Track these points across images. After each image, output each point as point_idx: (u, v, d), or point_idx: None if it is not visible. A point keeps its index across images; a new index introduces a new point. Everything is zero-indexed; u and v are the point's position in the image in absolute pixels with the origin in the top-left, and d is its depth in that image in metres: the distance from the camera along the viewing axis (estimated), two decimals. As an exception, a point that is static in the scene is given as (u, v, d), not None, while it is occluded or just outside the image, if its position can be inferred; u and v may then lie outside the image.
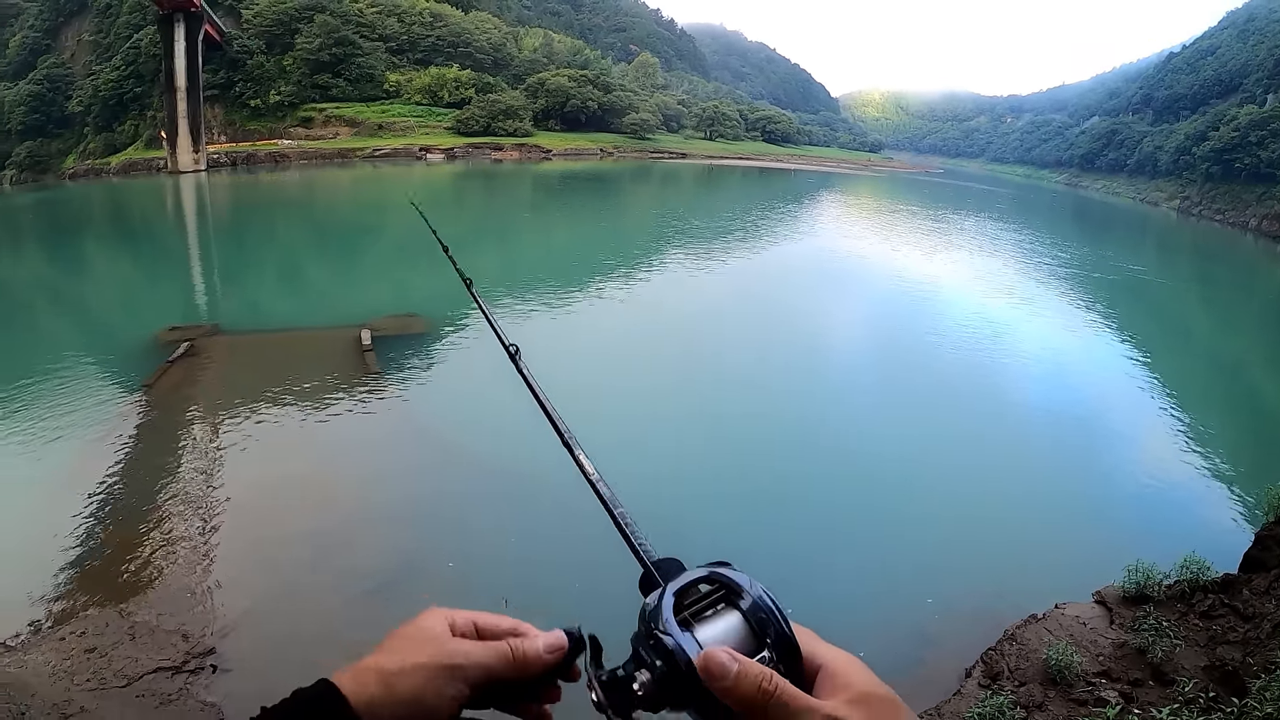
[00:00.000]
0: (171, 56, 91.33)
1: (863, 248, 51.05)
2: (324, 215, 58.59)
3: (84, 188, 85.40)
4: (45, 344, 25.11)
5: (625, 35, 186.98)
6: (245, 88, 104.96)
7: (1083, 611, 10.55)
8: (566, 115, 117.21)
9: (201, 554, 11.63)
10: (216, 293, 33.24)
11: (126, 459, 15.16)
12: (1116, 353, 29.01)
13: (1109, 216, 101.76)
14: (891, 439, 18.49)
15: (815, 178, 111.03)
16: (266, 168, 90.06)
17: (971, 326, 29.12)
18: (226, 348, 22.32)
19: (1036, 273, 44.35)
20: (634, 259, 39.77)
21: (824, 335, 27.92)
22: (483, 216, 59.48)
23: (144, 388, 18.66)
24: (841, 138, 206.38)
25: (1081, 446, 19.20)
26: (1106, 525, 14.84)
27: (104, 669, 8.72)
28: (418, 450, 16.02)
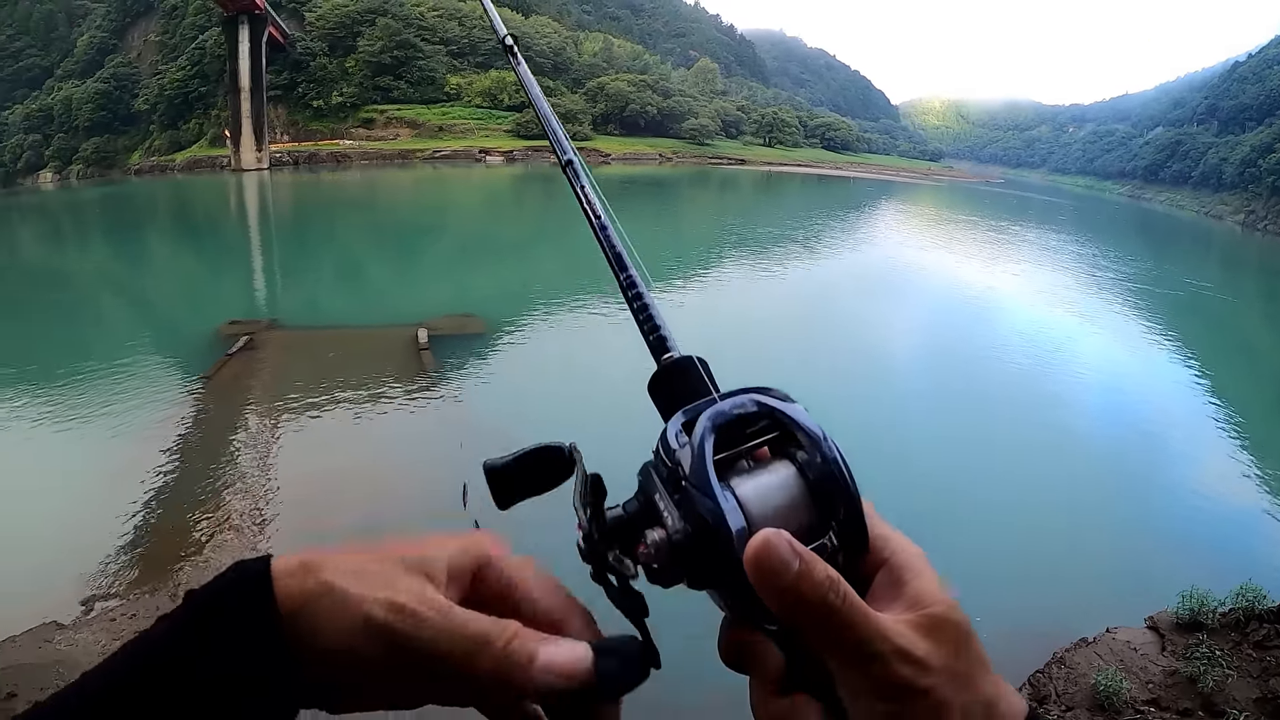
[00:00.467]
0: (236, 57, 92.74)
1: (922, 257, 50.08)
2: (384, 215, 58.88)
3: (149, 184, 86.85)
4: (110, 334, 25.39)
5: (685, 41, 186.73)
6: (308, 89, 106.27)
7: (1134, 636, 10.08)
8: (625, 120, 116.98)
9: (252, 542, 11.68)
10: (276, 289, 33.37)
11: (183, 447, 15.24)
12: (1177, 370, 27.93)
13: (1172, 230, 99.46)
14: (943, 448, 17.94)
15: (874, 186, 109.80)
16: (328, 167, 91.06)
17: (1030, 339, 28.19)
18: (284, 343, 22.26)
19: (1097, 286, 43.14)
20: (693, 265, 39.18)
21: (879, 343, 27.14)
22: (543, 218, 59.35)
23: (203, 379, 18.69)
24: (901, 146, 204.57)
25: (1139, 465, 18.58)
26: (1162, 548, 14.31)
27: None
28: (471, 449, 14.74)
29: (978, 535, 13.53)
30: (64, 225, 61.91)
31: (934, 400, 21.37)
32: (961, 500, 14.90)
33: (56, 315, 27.97)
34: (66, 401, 18.00)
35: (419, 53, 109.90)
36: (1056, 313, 33.31)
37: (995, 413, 20.73)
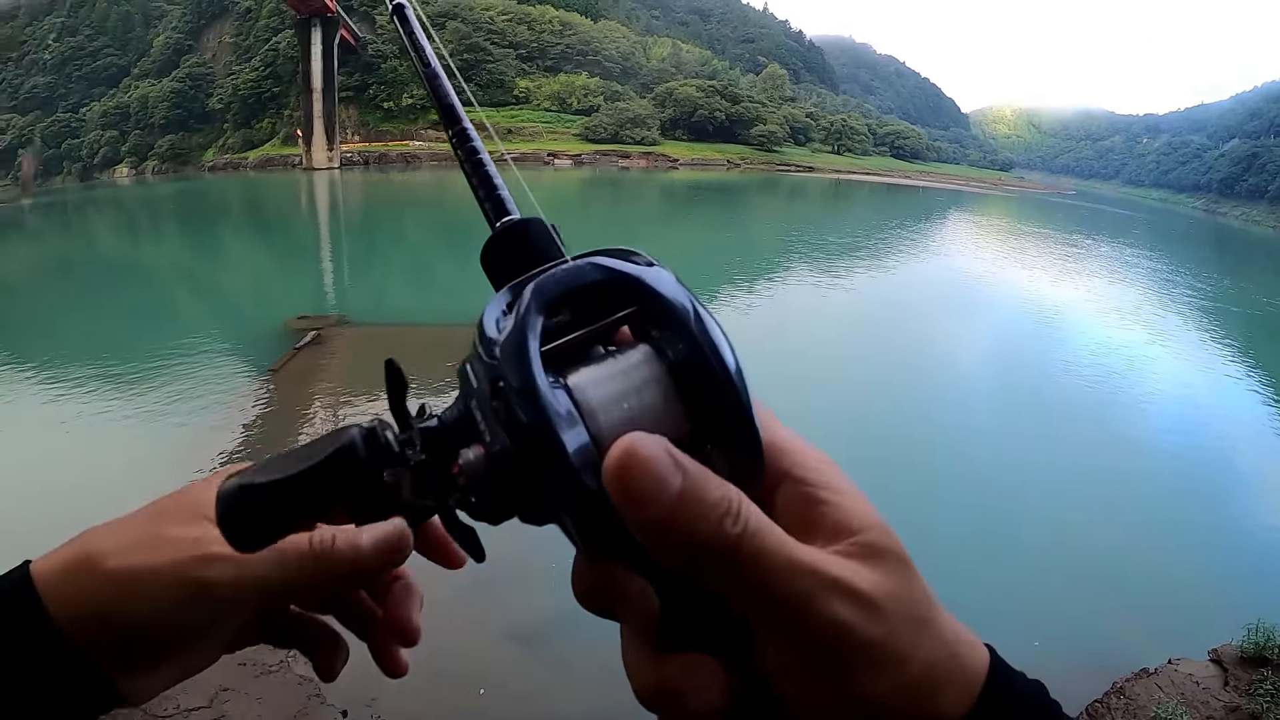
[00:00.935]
0: (308, 59, 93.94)
1: (992, 270, 48.98)
2: (452, 215, 59.02)
3: (222, 180, 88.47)
4: (181, 326, 25.55)
5: (753, 46, 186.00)
6: (379, 90, 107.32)
7: (1197, 670, 9.50)
8: (693, 125, 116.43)
9: None
10: (345, 285, 33.52)
11: (248, 439, 15.30)
12: (1253, 393, 26.64)
13: (1248, 246, 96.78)
14: (1004, 466, 17.20)
15: (944, 195, 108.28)
16: (398, 167, 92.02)
17: (1100, 356, 27.08)
18: (352, 338, 22.31)
19: (1170, 303, 41.76)
20: (761, 272, 38.68)
21: (945, 356, 26.29)
22: (610, 220, 59.23)
23: (270, 372, 18.81)
24: (971, 155, 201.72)
25: (1209, 490, 17.57)
26: (1230, 578, 13.40)
27: None
28: None
29: (1038, 557, 13.17)
30: (139, 219, 63.11)
31: (997, 416, 20.64)
32: (1023, 520, 14.32)
33: (130, 307, 28.35)
34: (137, 391, 18.14)
35: (488, 56, 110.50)
36: (1128, 330, 32.25)
37: (1060, 431, 19.79)
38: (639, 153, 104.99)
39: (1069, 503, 15.30)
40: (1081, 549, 13.34)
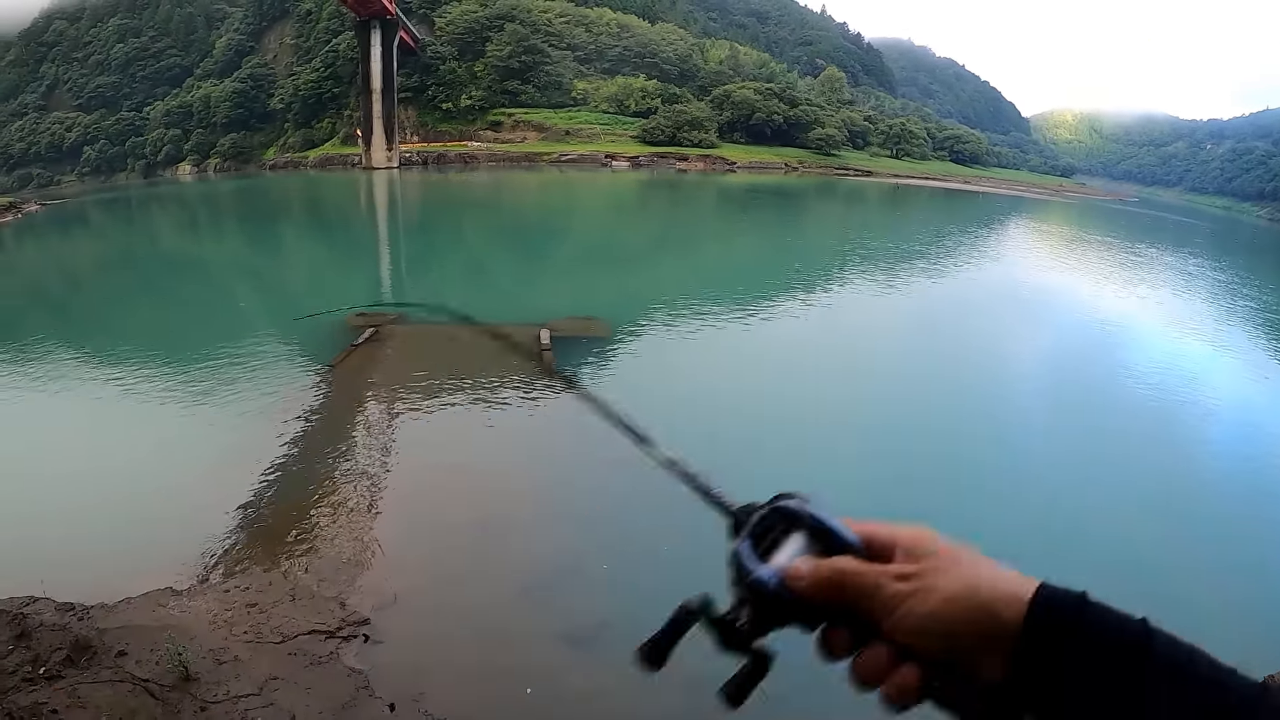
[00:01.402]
0: (368, 60, 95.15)
1: (1055, 279, 48.03)
2: (509, 216, 59.26)
3: (282, 178, 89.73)
4: (243, 320, 26.06)
5: (811, 49, 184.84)
6: (437, 91, 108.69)
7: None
8: (751, 128, 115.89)
9: (366, 529, 11.66)
10: (403, 283, 33.75)
11: (304, 430, 15.53)
12: None
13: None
14: (1059, 472, 16.69)
15: (1004, 201, 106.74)
16: (456, 168, 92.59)
17: (1164, 368, 26.26)
18: (409, 336, 22.67)
19: (1236, 315, 40.57)
20: (819, 276, 38.15)
21: (1004, 365, 25.66)
22: (668, 224, 59.04)
23: (329, 367, 19.15)
24: (1031, 160, 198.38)
25: (1275, 511, 16.44)
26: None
27: (262, 624, 9.03)
28: (587, 452, 14.88)
29: (1110, 577, 12.22)
30: (201, 215, 64.07)
31: (1059, 430, 19.71)
32: (1093, 538, 13.67)
33: (194, 300, 28.93)
34: (198, 381, 18.56)
35: (546, 58, 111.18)
36: (1192, 342, 31.27)
37: (1120, 443, 19.10)
38: (696, 155, 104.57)
39: (1137, 519, 14.75)
40: (1152, 567, 12.79)
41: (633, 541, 11.84)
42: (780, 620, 1.10)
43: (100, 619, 8.42)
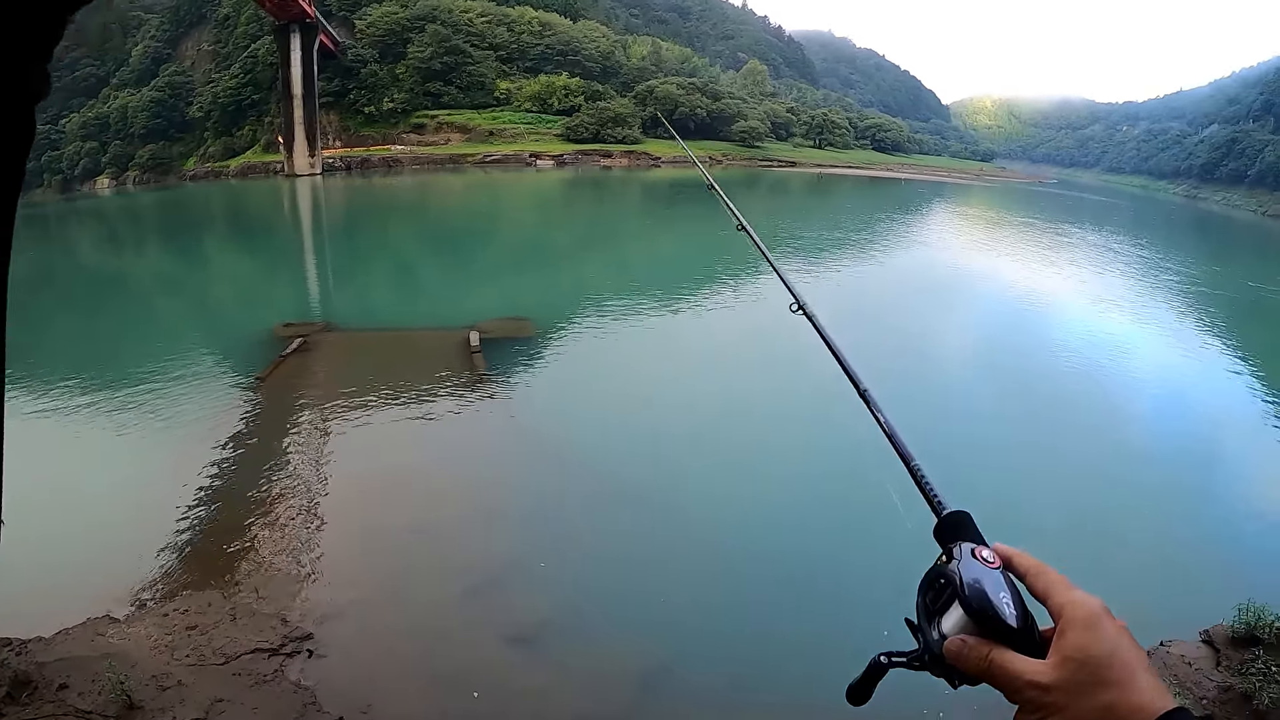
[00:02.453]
0: (288, 65, 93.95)
1: (979, 261, 49.40)
2: (435, 219, 59.37)
3: (204, 188, 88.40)
4: (167, 335, 25.98)
5: (733, 43, 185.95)
6: (359, 95, 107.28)
7: (1189, 651, 9.99)
8: (675, 123, 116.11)
9: (304, 542, 11.93)
10: (330, 291, 33.92)
11: (236, 446, 15.68)
12: (1236, 376, 27.02)
13: (1230, 231, 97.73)
14: (996, 456, 17.45)
15: (927, 187, 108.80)
16: (379, 172, 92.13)
17: (1084, 343, 27.58)
18: (338, 344, 22.85)
19: (1157, 290, 42.12)
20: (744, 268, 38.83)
21: (933, 350, 26.61)
22: (593, 222, 59.54)
23: (257, 380, 19.20)
24: (952, 146, 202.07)
25: (1197, 474, 17.92)
26: (1219, 559, 13.83)
27: (204, 646, 9.08)
28: (520, 452, 15.97)
29: (1031, 543, 12.94)
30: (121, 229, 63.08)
31: (987, 406, 20.97)
32: (1013, 509, 14.46)
33: (114, 317, 28.82)
34: (123, 401, 18.35)
35: (468, 58, 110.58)
36: (1114, 317, 32.57)
37: (1049, 419, 20.27)
38: (620, 151, 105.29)
39: (1057, 491, 15.68)
40: (1071, 536, 13.63)
41: (567, 538, 12.32)
42: (946, 674, 1.20)
43: (39, 652, 8.47)
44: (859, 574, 12.07)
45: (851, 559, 12.62)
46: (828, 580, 12.01)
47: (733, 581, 11.89)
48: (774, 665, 10.03)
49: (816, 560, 12.56)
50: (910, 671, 1.03)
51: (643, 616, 10.45)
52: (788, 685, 9.55)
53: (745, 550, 12.78)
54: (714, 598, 11.33)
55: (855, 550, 12.77)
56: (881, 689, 1.11)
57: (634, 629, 10.39)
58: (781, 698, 9.36)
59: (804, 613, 11.24)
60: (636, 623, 10.39)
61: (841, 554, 12.80)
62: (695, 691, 9.31)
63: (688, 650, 9.91)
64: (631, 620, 10.46)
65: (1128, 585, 11.96)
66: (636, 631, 10.48)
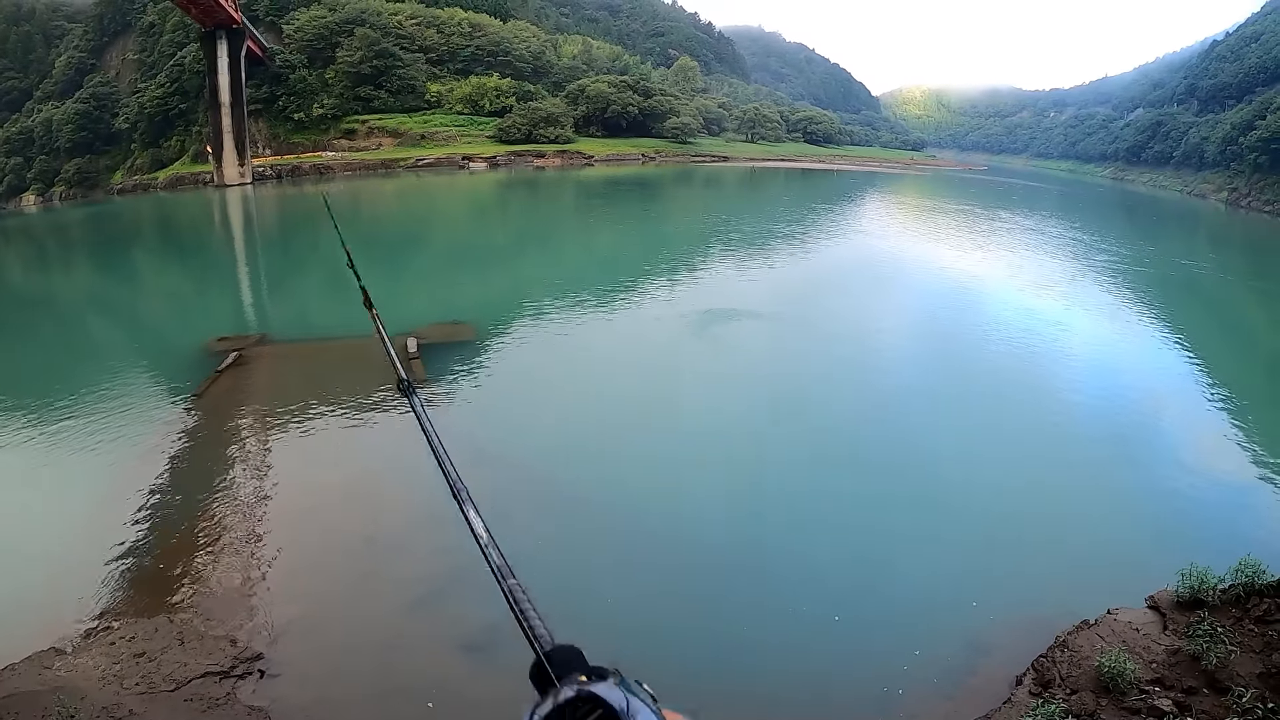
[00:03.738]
0: (215, 73, 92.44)
1: (910, 247, 50.49)
2: (368, 225, 58.96)
3: (132, 202, 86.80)
4: (97, 354, 25.67)
5: (664, 40, 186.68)
6: (288, 101, 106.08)
7: (1135, 617, 10.33)
8: (607, 121, 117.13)
9: (249, 560, 11.76)
10: (264, 303, 33.85)
11: (176, 466, 15.45)
12: (1168, 350, 28.28)
13: (1157, 210, 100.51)
14: (938, 441, 18.12)
15: (858, 177, 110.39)
16: (311, 179, 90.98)
17: (1022, 325, 28.63)
18: (275, 357, 22.77)
19: (1086, 269, 43.47)
20: (681, 263, 39.39)
21: (869, 338, 27.33)
22: (528, 223, 59.50)
23: (193, 397, 18.93)
24: (884, 137, 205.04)
25: (1133, 446, 18.70)
26: (1160, 527, 14.48)
27: (153, 673, 8.93)
28: (463, 458, 15.52)
29: (975, 523, 13.91)
30: (48, 247, 61.94)
31: (925, 394, 21.49)
32: (958, 488, 15.25)
33: (42, 339, 28.17)
34: (57, 425, 17.98)
35: (398, 61, 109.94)
36: (1047, 298, 33.59)
37: (987, 402, 20.99)
38: (553, 151, 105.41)
39: (999, 469, 16.58)
40: (1015, 512, 14.55)
41: (511, 541, 12.50)
42: None
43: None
44: (799, 562, 12.62)
45: (792, 547, 13.10)
46: (776, 572, 12.43)
47: (680, 577, 12.32)
48: (724, 656, 10.42)
49: (766, 553, 12.99)
50: (871, 647, 1.06)
51: (590, 616, 10.51)
52: (739, 676, 10.01)
53: (692, 546, 13.24)
54: (662, 594, 11.79)
55: (794, 538, 13.33)
56: (837, 665, 1.40)
57: (582, 629, 9.92)
58: (734, 686, 9.80)
59: (752, 603, 11.58)
60: (584, 623, 10.26)
61: (786, 542, 13.25)
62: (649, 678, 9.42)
63: (636, 646, 10.00)
64: (579, 620, 10.19)
65: (1074, 557, 12.98)
66: (584, 632, 10.18)
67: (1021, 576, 12.32)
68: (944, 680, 10.01)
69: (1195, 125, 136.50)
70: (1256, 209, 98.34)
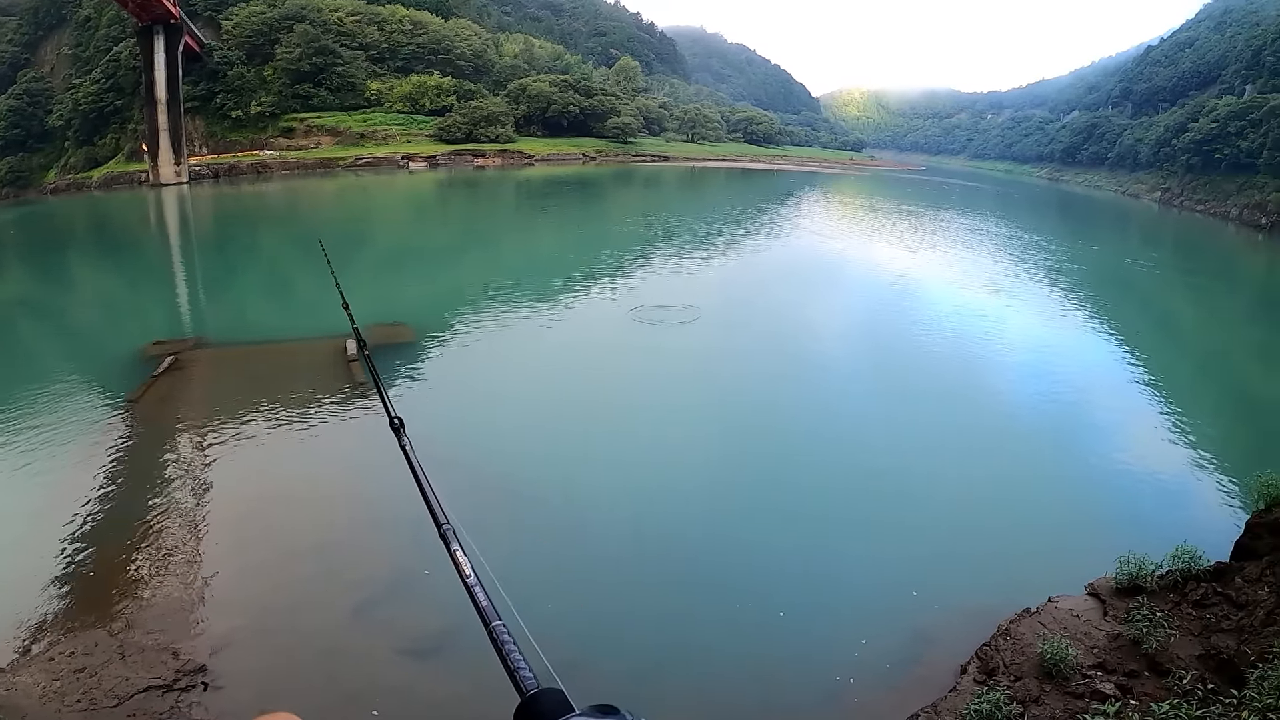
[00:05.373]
0: (152, 69, 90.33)
1: (848, 246, 51.48)
2: (307, 225, 58.26)
3: (66, 202, 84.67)
4: (30, 361, 25.21)
5: (606, 40, 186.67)
6: (226, 99, 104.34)
7: (1076, 604, 10.69)
8: (548, 120, 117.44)
9: (190, 569, 11.55)
10: (200, 306, 33.27)
11: (112, 475, 15.12)
12: (1104, 344, 29.39)
13: (1092, 209, 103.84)
14: (879, 435, 18.64)
15: (798, 178, 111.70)
16: (248, 179, 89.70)
17: (958, 320, 29.56)
18: (212, 361, 22.48)
19: (1024, 266, 44.78)
20: (622, 263, 39.94)
21: (810, 334, 28.11)
22: (468, 222, 59.76)
23: (129, 403, 18.64)
24: (823, 137, 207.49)
25: (1070, 437, 19.42)
26: (1098, 517, 14.99)
27: (94, 689, 8.73)
28: (402, 461, 15.31)
29: (917, 517, 14.48)
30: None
31: (865, 390, 22.22)
32: (899, 484, 15.86)
33: None
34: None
35: (338, 59, 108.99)
36: (985, 295, 34.71)
37: (926, 397, 21.80)
38: (494, 151, 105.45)
39: (938, 463, 17.17)
40: (955, 505, 15.17)
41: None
42: None
43: (-77, 714, 8.21)
44: (744, 558, 12.97)
45: (736, 544, 13.45)
46: (720, 569, 12.78)
47: (624, 577, 12.54)
48: (670, 654, 10.65)
49: (710, 550, 13.33)
50: (817, 640, 1.34)
51: (535, 615, 10.55)
52: (687, 674, 10.33)
53: (635, 545, 13.49)
54: (607, 595, 11.98)
55: (738, 535, 13.68)
56: (785, 659, 1.72)
57: (528, 628, 9.90)
58: (682, 684, 10.11)
59: (697, 601, 11.84)
60: (529, 621, 10.66)
61: (729, 539, 13.59)
62: (595, 685, 9.28)
63: (580, 649, 10.02)
64: (525, 620, 10.86)
65: (1015, 547, 13.63)
66: (530, 631, 10.16)
67: (964, 567, 12.82)
68: (891, 670, 10.36)
69: (1129, 128, 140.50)
70: (1189, 208, 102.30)
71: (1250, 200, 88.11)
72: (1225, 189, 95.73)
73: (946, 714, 9.07)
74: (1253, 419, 23.41)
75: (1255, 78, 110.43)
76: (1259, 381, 27.96)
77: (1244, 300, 45.98)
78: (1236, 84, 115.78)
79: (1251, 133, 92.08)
